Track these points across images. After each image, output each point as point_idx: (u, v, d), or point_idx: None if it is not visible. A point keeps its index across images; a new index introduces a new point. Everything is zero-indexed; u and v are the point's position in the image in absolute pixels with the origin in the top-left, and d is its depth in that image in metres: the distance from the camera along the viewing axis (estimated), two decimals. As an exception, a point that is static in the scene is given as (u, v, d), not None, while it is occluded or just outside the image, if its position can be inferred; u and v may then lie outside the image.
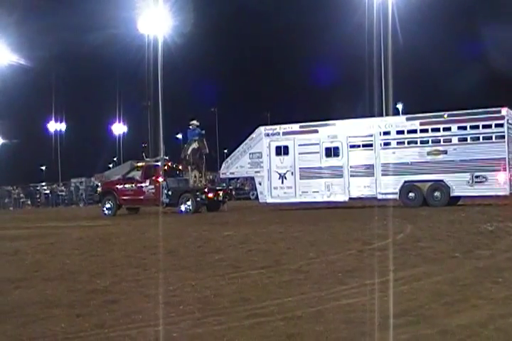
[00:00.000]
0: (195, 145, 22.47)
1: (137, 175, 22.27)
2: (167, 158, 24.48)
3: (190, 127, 23.05)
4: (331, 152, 19.41)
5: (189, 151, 22.43)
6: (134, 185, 21.93)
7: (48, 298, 5.93)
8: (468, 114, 17.64)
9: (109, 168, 58.86)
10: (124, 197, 22.02)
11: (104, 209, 22.30)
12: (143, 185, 21.75)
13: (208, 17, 47.97)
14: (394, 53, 24.58)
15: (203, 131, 23.06)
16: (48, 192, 44.39)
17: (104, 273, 7.28)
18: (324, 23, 51.77)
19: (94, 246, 10.81)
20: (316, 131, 19.77)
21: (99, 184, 26.57)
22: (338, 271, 6.70)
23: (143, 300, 5.60)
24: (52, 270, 7.84)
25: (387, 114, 22.06)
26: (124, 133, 62.37)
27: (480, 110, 17.67)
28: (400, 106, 47.83)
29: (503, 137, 16.98)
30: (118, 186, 22.33)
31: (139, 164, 23.31)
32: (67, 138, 60.30)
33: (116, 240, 11.81)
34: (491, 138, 17.13)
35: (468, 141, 17.42)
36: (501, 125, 17.01)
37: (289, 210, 19.33)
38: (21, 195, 44.97)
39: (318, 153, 19.57)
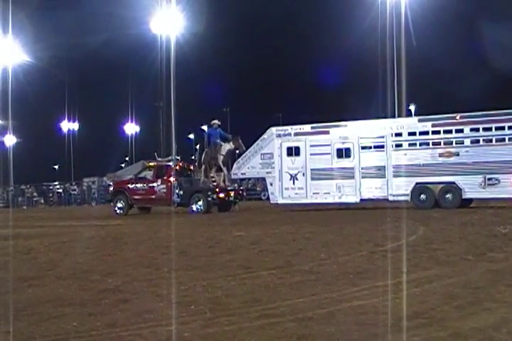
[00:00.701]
0: (229, 146, 22.29)
1: (149, 174, 22.34)
2: (179, 157, 24.54)
3: (212, 127, 23.11)
4: (343, 153, 19.37)
5: (224, 152, 22.23)
6: (145, 185, 21.98)
7: (61, 296, 5.97)
8: (481, 116, 17.53)
9: (122, 167, 59.04)
10: (136, 197, 22.09)
11: (116, 208, 22.39)
12: (154, 184, 21.80)
13: (220, 17, 48.02)
14: (407, 54, 24.52)
15: (230, 135, 23.06)
16: (60, 191, 44.69)
17: (116, 273, 7.31)
18: (337, 23, 51.60)
19: (106, 245, 10.86)
20: (328, 132, 19.73)
21: (111, 183, 26.67)
22: (349, 272, 6.69)
23: (154, 300, 5.62)
24: (65, 269, 7.88)
25: (399, 115, 21.98)
26: (136, 132, 62.62)
27: (493, 112, 17.56)
28: (412, 107, 47.63)
29: (516, 139, 16.87)
30: (129, 186, 22.39)
31: (151, 164, 23.38)
32: (79, 138, 60.66)
33: (128, 239, 11.86)
34: (503, 140, 17.02)
35: (481, 142, 17.31)
36: (515, 127, 16.89)
37: (300, 211, 19.30)
38: (34, 194, 45.31)
39: (329, 154, 19.53)
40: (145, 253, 9.30)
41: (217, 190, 21.56)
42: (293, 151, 20.17)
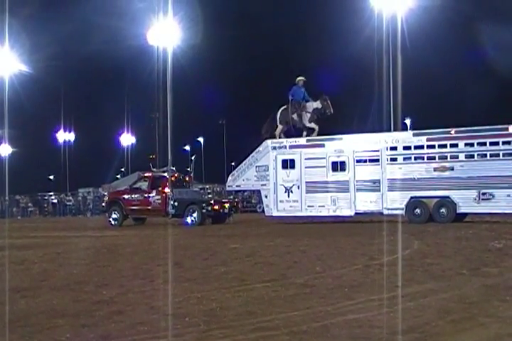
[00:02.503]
0: (316, 104, 20.75)
1: (144, 185, 22.34)
2: (174, 169, 24.53)
3: (298, 84, 21.42)
4: (338, 166, 19.41)
5: (310, 110, 20.69)
6: (140, 196, 21.98)
7: (54, 307, 5.94)
8: (476, 131, 17.63)
9: (117, 178, 58.97)
10: (131, 208, 22.07)
11: (111, 219, 22.35)
12: (149, 195, 21.80)
13: (217, 29, 48.28)
14: (403, 68, 24.67)
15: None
16: (55, 201, 44.55)
17: (110, 284, 7.29)
18: (333, 37, 51.96)
19: (100, 256, 10.83)
20: (323, 145, 19.79)
21: (106, 194, 26.64)
22: (344, 285, 6.69)
23: (149, 312, 5.60)
24: (59, 280, 7.86)
25: (395, 129, 22.07)
26: (132, 144, 62.62)
27: (487, 127, 17.67)
28: (408, 121, 47.80)
29: (510, 154, 16.93)
30: (124, 196, 22.38)
31: (146, 174, 23.38)
32: (75, 148, 60.59)
33: (123, 251, 11.83)
34: (498, 155, 17.09)
35: (476, 157, 17.39)
36: (509, 142, 16.97)
37: (296, 224, 19.30)
38: (29, 204, 45.15)
39: (324, 167, 19.57)
40: (140, 264, 9.28)
41: (212, 201, 21.57)
42: (288, 164, 20.20)
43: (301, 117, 20.88)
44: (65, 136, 59.73)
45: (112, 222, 22.21)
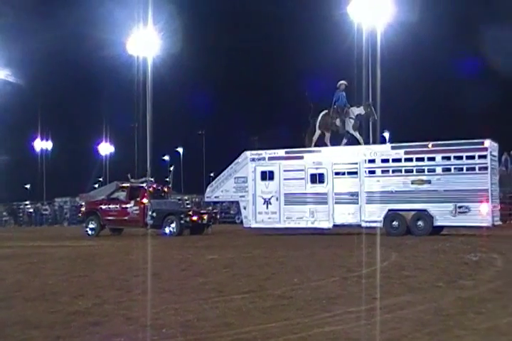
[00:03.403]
0: (359, 110, 20.05)
1: (122, 195, 22.19)
2: (152, 179, 24.40)
3: (339, 88, 20.68)
4: (316, 178, 19.47)
5: (353, 115, 19.94)
6: (118, 206, 21.83)
7: (29, 318, 5.86)
8: (453, 145, 17.84)
9: (95, 188, 58.55)
10: (108, 218, 21.90)
11: (88, 229, 22.13)
12: (127, 205, 21.66)
13: (197, 38, 48.38)
14: (382, 82, 24.91)
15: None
16: (31, 210, 43.96)
17: (86, 295, 7.21)
18: (312, 51, 52.44)
19: (76, 266, 10.71)
20: (302, 157, 19.87)
21: (83, 204, 26.38)
22: (322, 297, 6.70)
23: (125, 323, 5.55)
24: (34, 290, 7.75)
25: (373, 142, 22.21)
26: (110, 153, 62.23)
27: (464, 141, 17.90)
28: (386, 134, 48.20)
29: (486, 168, 17.16)
30: (102, 206, 22.21)
31: (124, 185, 23.23)
32: (52, 157, 60.03)
33: (100, 261, 11.71)
34: (474, 169, 17.30)
35: (452, 171, 17.58)
36: (484, 156, 17.21)
37: (274, 235, 19.30)
38: (4, 214, 44.47)
39: (303, 179, 19.63)
40: (116, 275, 9.20)
41: (191, 212, 21.51)
42: (267, 176, 20.22)
43: (344, 123, 20.26)
44: (42, 145, 59.19)
45: (89, 232, 22.00)
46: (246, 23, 61.71)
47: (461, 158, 17.46)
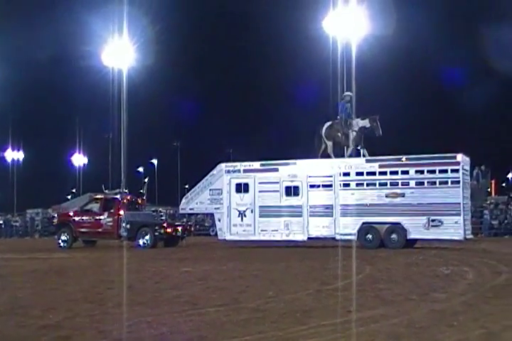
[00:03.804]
0: (364, 123, 19.72)
1: (95, 207, 21.98)
2: (127, 191, 24.23)
3: (344, 99, 20.51)
4: (291, 191, 19.52)
5: (356, 128, 19.67)
6: (91, 218, 21.62)
7: (-2, 332, 5.75)
8: (426, 159, 18.06)
9: (68, 199, 57.79)
10: (81, 230, 21.65)
11: (60, 241, 21.84)
12: (101, 217, 21.46)
13: (172, 50, 48.40)
14: (357, 95, 25.12)
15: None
16: (1, 222, 43.19)
17: (57, 308, 7.10)
18: (288, 64, 52.85)
19: (48, 279, 10.55)
20: (277, 170, 19.91)
21: (55, 215, 26.04)
22: (296, 310, 6.69)
23: (97, 337, 5.48)
24: (2, 304, 7.60)
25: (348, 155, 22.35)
26: (84, 164, 61.64)
27: (437, 155, 18.13)
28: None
29: (458, 182, 17.40)
30: (75, 218, 21.97)
31: (98, 196, 23.02)
32: (24, 168, 59.23)
33: (72, 273, 11.56)
34: (446, 182, 17.52)
35: (426, 184, 17.78)
36: (457, 170, 17.45)
37: (249, 248, 19.26)
38: (-27, 225, 43.61)
39: (278, 191, 19.66)
40: (89, 287, 9.09)
41: (165, 224, 21.38)
42: (242, 188, 20.22)
43: (347, 136, 20.06)
44: (13, 155, 58.42)
45: (61, 244, 21.71)
46: (221, 35, 62.02)
47: (434, 171, 17.68)
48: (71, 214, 23.07)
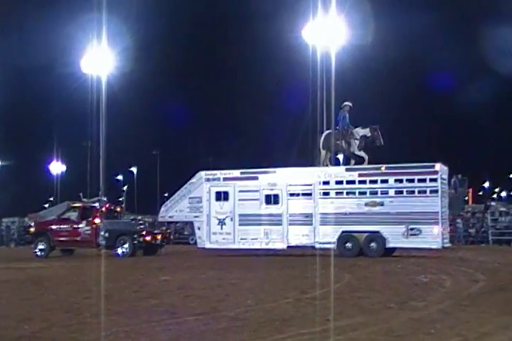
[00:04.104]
0: (365, 131, 19.53)
1: (73, 216, 21.78)
2: (105, 199, 24.05)
3: (343, 109, 20.20)
4: (271, 199, 19.53)
5: (358, 136, 19.45)
6: (69, 226, 21.42)
7: (-28, 343, 5.65)
8: (405, 168, 18.20)
9: (45, 207, 57.14)
10: (59, 239, 21.42)
11: (37, 250, 21.58)
12: (79, 226, 21.26)
13: (152, 57, 48.33)
14: (336, 105, 25.30)
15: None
16: (-24, 231, 42.54)
17: (33, 318, 7.00)
18: (268, 73, 53.07)
19: (23, 289, 10.41)
20: (257, 178, 19.92)
21: (32, 224, 25.75)
22: (275, 319, 6.68)
23: (74, 347, 5.41)
24: (-22, 314, 7.48)
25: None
26: (62, 172, 61.03)
27: (416, 164, 18.29)
28: (340, 156, 48.77)
29: (436, 191, 17.55)
30: (52, 227, 21.74)
31: (76, 205, 22.82)
32: (0, 176, 58.47)
33: (48, 283, 11.41)
34: (425, 191, 17.67)
35: (404, 193, 17.90)
36: (435, 179, 17.61)
37: (228, 256, 19.20)
38: None
39: (257, 200, 19.66)
40: (66, 297, 8.98)
41: (144, 232, 21.26)
42: (221, 196, 20.17)
43: (350, 144, 19.82)
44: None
45: (38, 253, 21.45)
46: (201, 43, 62.13)
47: (412, 180, 17.82)
48: (48, 222, 22.82)
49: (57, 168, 60.35)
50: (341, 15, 27.51)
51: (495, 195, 76.74)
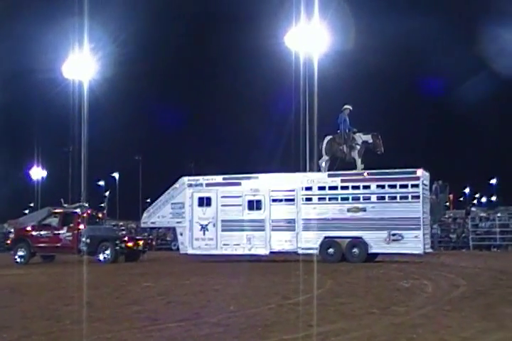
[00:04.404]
0: (366, 138, 19.27)
1: (54, 222, 21.59)
2: (87, 205, 23.86)
3: (343, 112, 19.84)
4: (254, 205, 19.52)
5: (360, 142, 19.19)
6: (50, 232, 21.21)
7: (-51, 351, 5.56)
8: (387, 174, 18.32)
9: (25, 213, 56.52)
10: (39, 245, 21.21)
11: (16, 257, 21.33)
12: (60, 232, 21.07)
13: (134, 63, 48.19)
14: (319, 111, 25.41)
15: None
16: (-46, 237, 41.94)
17: (12, 326, 6.91)
18: (251, 78, 53.19)
19: (2, 296, 10.28)
20: (239, 184, 19.90)
21: (12, 230, 25.47)
22: (258, 325, 6.66)
23: (54, 354, 5.35)
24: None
25: (310, 170, 22.48)
26: (42, 178, 60.45)
27: (397, 170, 18.42)
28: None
29: (418, 197, 17.67)
30: (33, 233, 21.52)
31: (57, 210, 22.62)
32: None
33: (28, 290, 11.27)
34: (407, 197, 17.78)
35: (386, 199, 18.00)
36: (417, 185, 17.74)
37: (211, 262, 19.15)
38: None
39: (240, 205, 19.64)
40: (46, 304, 8.87)
41: (126, 238, 21.13)
42: (204, 202, 20.12)
43: (352, 149, 19.50)
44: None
45: (18, 260, 21.21)
46: (183, 48, 62.09)
47: (394, 186, 17.92)
48: (29, 228, 22.55)
49: (37, 173, 59.76)
50: (324, 21, 27.71)
51: (475, 201, 77.58)
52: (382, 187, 18.07)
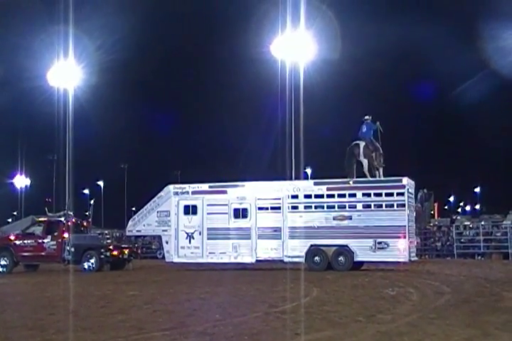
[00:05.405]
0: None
1: (38, 230, 21.38)
2: (71, 213, 23.68)
3: (366, 122, 20.17)
4: (240, 213, 19.50)
5: (381, 151, 19.59)
6: (34, 241, 20.99)
7: None
8: (372, 182, 18.42)
9: (8, 222, 56.00)
10: (23, 254, 20.97)
11: (-2, 266, 21.09)
12: (44, 240, 20.87)
13: (119, 70, 48.16)
14: (305, 119, 25.54)
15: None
16: None
17: (-5, 336, 6.83)
18: (237, 87, 53.33)
19: (-15, 305, 10.13)
20: (225, 192, 19.89)
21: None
22: (244, 333, 6.64)
23: (38, 364, 5.29)
24: None
25: (296, 178, 22.52)
26: (26, 186, 59.98)
27: (383, 179, 18.52)
28: (308, 170, 49.11)
29: (403, 205, 17.76)
30: (16, 242, 21.29)
31: (41, 219, 22.44)
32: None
33: (11, 300, 11.15)
34: (392, 205, 17.86)
35: (372, 207, 18.06)
36: (402, 194, 17.83)
37: (197, 270, 19.07)
38: None
39: (226, 213, 19.61)
40: (29, 314, 8.78)
41: (111, 247, 20.99)
42: (190, 210, 20.07)
43: (380, 157, 19.72)
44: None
45: (0, 270, 20.97)
46: (168, 57, 62.12)
47: (380, 195, 17.99)
48: (12, 237, 22.34)
49: (21, 181, 59.29)
50: (310, 29, 27.92)
51: (460, 209, 78.12)
52: (368, 195, 18.13)
